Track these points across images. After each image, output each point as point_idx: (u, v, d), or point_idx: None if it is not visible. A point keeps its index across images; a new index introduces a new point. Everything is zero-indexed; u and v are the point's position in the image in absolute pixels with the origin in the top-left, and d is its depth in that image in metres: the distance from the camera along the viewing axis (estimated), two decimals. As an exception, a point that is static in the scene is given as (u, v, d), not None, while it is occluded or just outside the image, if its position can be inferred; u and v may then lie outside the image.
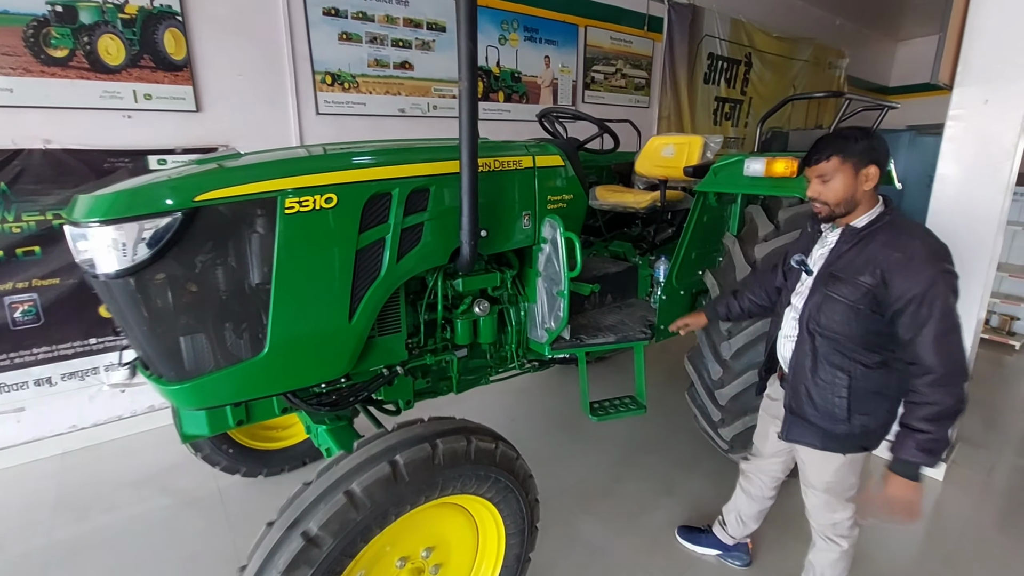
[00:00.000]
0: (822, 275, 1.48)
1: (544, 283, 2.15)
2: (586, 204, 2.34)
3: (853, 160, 1.38)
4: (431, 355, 2.02)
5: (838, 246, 1.47)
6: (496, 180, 1.95)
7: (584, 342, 2.27)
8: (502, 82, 4.27)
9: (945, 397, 1.28)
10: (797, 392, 1.53)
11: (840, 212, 1.44)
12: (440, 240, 1.81)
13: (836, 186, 1.40)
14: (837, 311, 1.42)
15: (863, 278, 1.36)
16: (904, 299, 1.30)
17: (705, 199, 2.50)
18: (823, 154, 1.41)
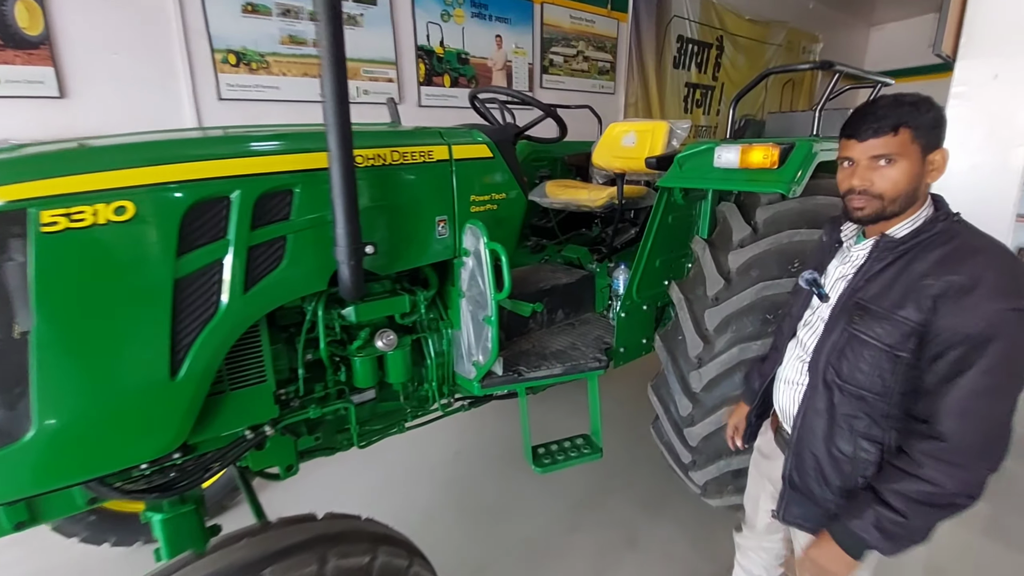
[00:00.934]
0: (844, 305, 1.06)
1: (469, 306, 1.71)
2: (525, 205, 1.90)
3: (924, 138, 0.97)
4: (317, 405, 1.55)
5: (869, 264, 1.05)
6: (395, 177, 1.49)
7: (523, 375, 1.84)
8: (447, 64, 3.78)
9: (945, 478, 0.90)
10: (802, 462, 1.12)
11: (892, 212, 1.01)
12: (314, 259, 1.34)
13: (898, 174, 0.98)
14: (867, 358, 1.00)
15: (905, 312, 0.96)
16: (949, 339, 0.91)
17: (670, 196, 2.08)
18: (886, 123, 0.97)
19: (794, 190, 1.65)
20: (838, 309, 1.08)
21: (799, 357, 1.18)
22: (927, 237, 0.99)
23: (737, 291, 1.80)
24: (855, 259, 1.10)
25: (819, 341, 1.10)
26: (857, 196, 1.02)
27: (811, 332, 1.15)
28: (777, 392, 1.23)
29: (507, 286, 1.53)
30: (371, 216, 1.42)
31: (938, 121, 0.99)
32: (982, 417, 0.90)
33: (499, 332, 1.99)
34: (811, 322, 1.17)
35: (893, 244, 1.02)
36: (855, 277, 1.07)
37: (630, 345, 2.16)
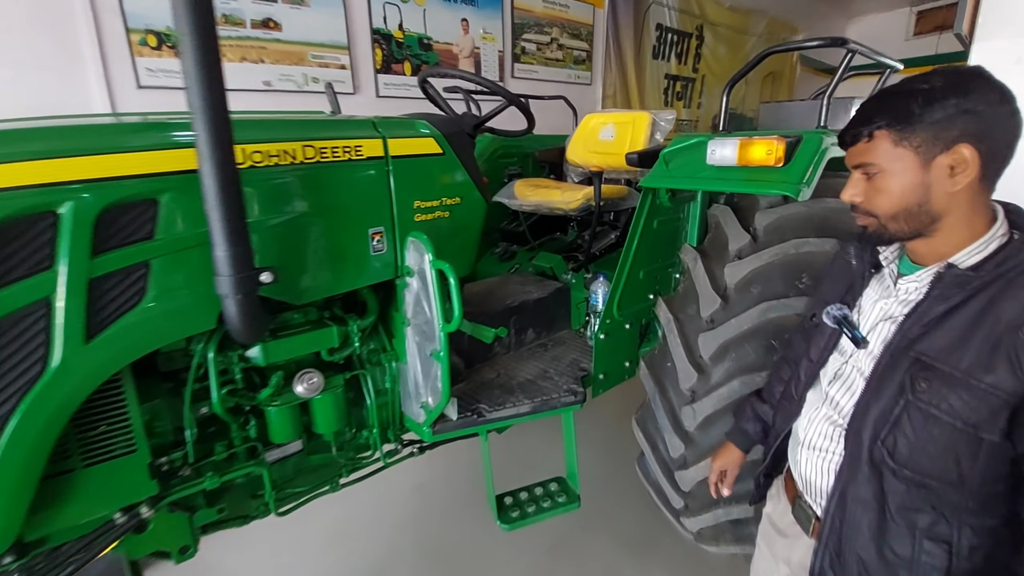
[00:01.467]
0: (896, 358, 0.78)
1: (415, 336, 1.39)
2: (485, 210, 1.59)
3: (920, 139, 0.74)
4: (216, 472, 1.22)
5: (928, 304, 0.77)
6: (310, 179, 1.16)
7: (484, 416, 1.53)
8: (408, 50, 3.43)
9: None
10: (843, 565, 0.84)
11: (902, 232, 0.79)
12: (193, 290, 1.02)
13: (885, 187, 0.78)
14: (936, 438, 0.73)
15: (994, 377, 0.69)
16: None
17: (654, 197, 1.79)
18: (860, 125, 0.79)
19: (804, 192, 1.37)
20: (886, 363, 0.79)
21: (828, 418, 0.89)
22: (1012, 268, 0.72)
23: (736, 312, 1.53)
24: (905, 294, 0.82)
25: (859, 404, 0.82)
26: (856, 213, 0.84)
27: (845, 389, 0.87)
28: (795, 455, 0.95)
29: (457, 315, 1.22)
30: (274, 231, 1.10)
31: (957, 109, 0.72)
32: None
33: (457, 362, 1.68)
34: (844, 375, 0.89)
35: (964, 279, 0.74)
36: (909, 321, 0.78)
37: (611, 370, 1.87)
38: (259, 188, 1.07)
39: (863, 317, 0.88)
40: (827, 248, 1.53)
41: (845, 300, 0.92)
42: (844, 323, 0.88)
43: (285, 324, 1.28)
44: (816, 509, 0.90)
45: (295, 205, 1.13)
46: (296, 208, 1.13)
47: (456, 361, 1.70)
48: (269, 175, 1.08)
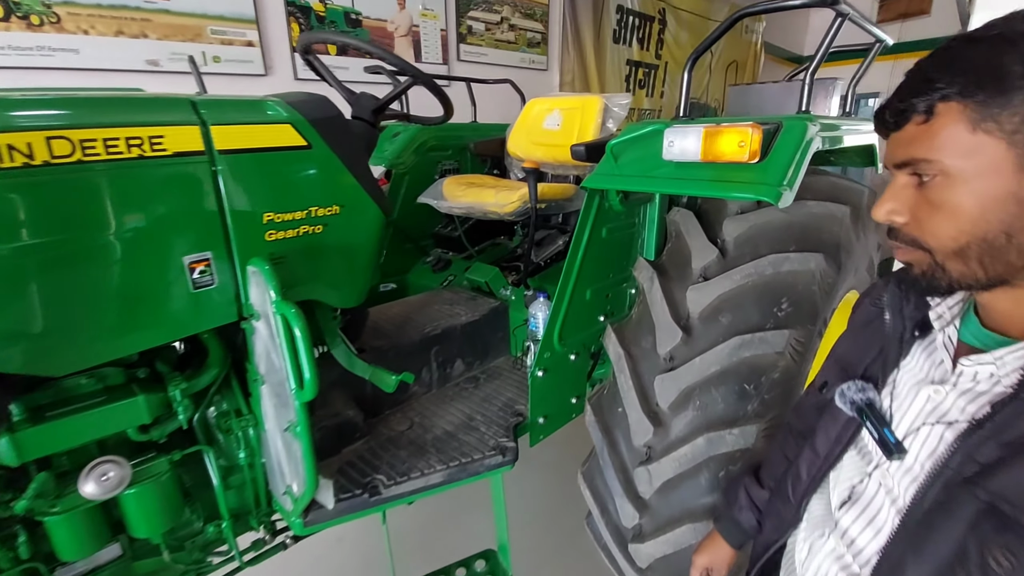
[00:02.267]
0: (955, 495, 0.47)
1: (271, 400, 1.02)
2: (381, 221, 1.21)
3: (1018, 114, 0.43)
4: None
5: (1017, 411, 0.46)
6: (63, 189, 0.76)
7: (380, 493, 1.16)
8: (332, 25, 3.00)
9: None
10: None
11: (968, 280, 0.49)
12: None
13: (955, 195, 0.47)
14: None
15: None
16: None
17: (603, 200, 1.45)
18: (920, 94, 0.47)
19: (785, 196, 1.05)
20: (937, 500, 0.49)
21: (838, 559, 0.58)
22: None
23: (701, 348, 1.20)
24: (972, 382, 0.51)
25: (889, 555, 0.52)
26: (892, 242, 0.54)
27: (867, 522, 0.57)
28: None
29: (310, 382, 0.85)
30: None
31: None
32: None
33: (353, 416, 1.32)
34: (865, 497, 0.58)
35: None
36: (979, 434, 0.47)
37: (554, 411, 1.54)
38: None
39: (899, 407, 0.57)
40: (811, 266, 1.22)
41: (871, 373, 0.61)
42: (868, 413, 0.57)
43: (63, 396, 0.89)
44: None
45: (31, 231, 0.73)
46: (33, 236, 0.74)
47: (352, 414, 1.33)
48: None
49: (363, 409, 1.39)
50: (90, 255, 0.79)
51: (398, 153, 2.18)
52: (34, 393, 0.86)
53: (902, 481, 0.54)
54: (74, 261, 0.78)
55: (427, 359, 1.57)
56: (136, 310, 0.86)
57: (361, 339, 1.49)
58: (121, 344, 0.86)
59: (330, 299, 1.16)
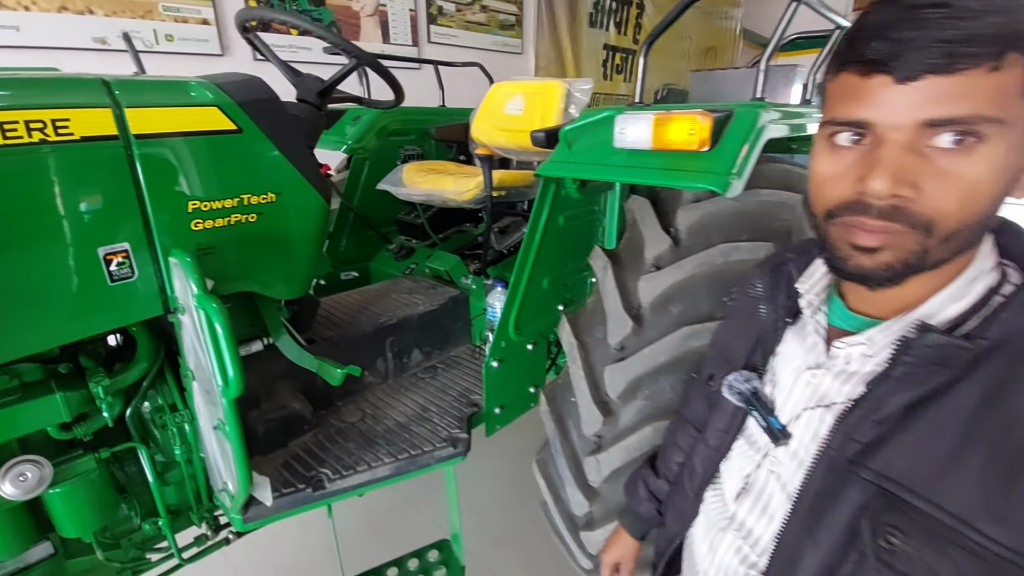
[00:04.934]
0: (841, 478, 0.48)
1: (202, 396, 0.98)
2: (324, 209, 1.17)
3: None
4: None
5: (889, 389, 0.46)
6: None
7: (324, 487, 1.14)
8: (293, 3, 2.89)
9: None
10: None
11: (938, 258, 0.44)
12: None
13: (983, 169, 0.40)
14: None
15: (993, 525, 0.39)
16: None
17: (558, 188, 1.43)
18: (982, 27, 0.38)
19: (734, 186, 1.04)
20: (823, 484, 0.49)
21: (737, 551, 0.58)
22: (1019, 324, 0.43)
23: (651, 338, 1.20)
24: (848, 364, 0.52)
25: (785, 543, 0.52)
26: (874, 221, 0.44)
27: (761, 511, 0.57)
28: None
29: (235, 379, 0.81)
30: None
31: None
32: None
33: (300, 409, 1.29)
34: (757, 486, 0.58)
35: (948, 351, 0.44)
36: (857, 412, 0.48)
37: (511, 401, 1.53)
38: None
39: (781, 394, 0.57)
40: (761, 255, 1.21)
41: (753, 362, 0.60)
42: (753, 402, 0.57)
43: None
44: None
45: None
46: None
47: (299, 407, 1.30)
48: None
49: (313, 401, 1.36)
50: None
51: (359, 137, 2.12)
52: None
53: (790, 466, 0.54)
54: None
55: (381, 349, 1.55)
56: (48, 304, 0.81)
57: (312, 329, 1.46)
58: (32, 340, 0.82)
59: (270, 291, 1.12)
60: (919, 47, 0.39)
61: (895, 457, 0.45)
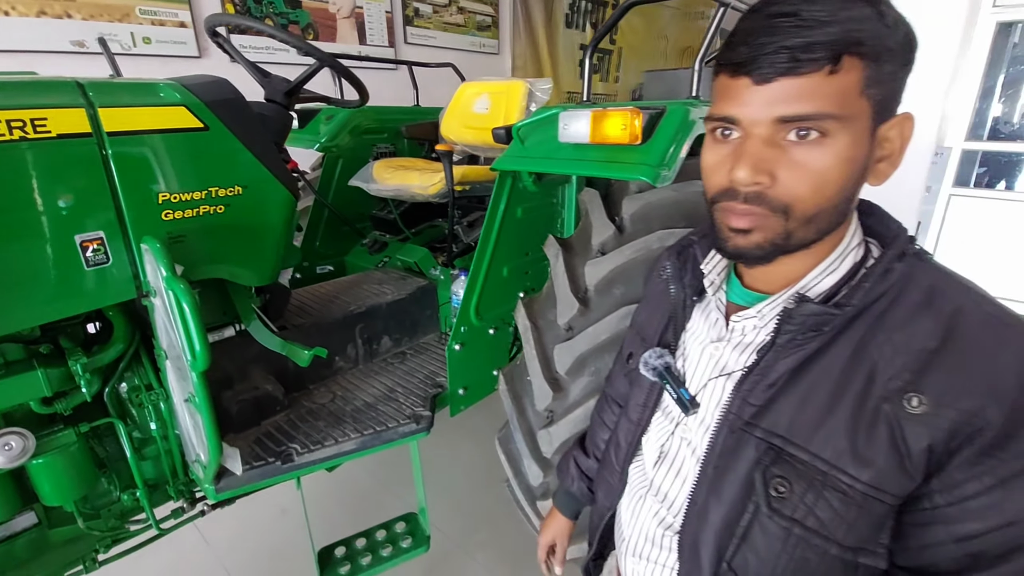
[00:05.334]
0: (739, 438, 0.55)
1: (174, 374, 1.07)
2: (290, 201, 1.25)
3: (885, 82, 0.47)
4: None
5: (774, 355, 0.54)
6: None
7: (292, 460, 1.23)
8: (270, 6, 2.96)
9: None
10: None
11: (802, 239, 0.51)
12: None
13: (828, 161, 0.47)
14: (796, 560, 0.50)
15: (859, 465, 0.47)
16: (983, 539, 0.45)
17: (515, 181, 1.53)
18: (819, 37, 0.44)
19: (664, 176, 1.15)
20: (726, 444, 0.56)
21: (656, 516, 0.65)
22: (882, 295, 0.50)
23: (595, 318, 1.30)
24: (743, 336, 0.59)
25: (694, 501, 0.59)
26: (742, 205, 0.50)
27: (674, 475, 0.64)
28: (622, 556, 0.71)
29: (202, 352, 0.90)
30: None
31: (910, 51, 0.48)
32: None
33: (272, 390, 1.38)
34: (671, 453, 0.65)
35: (823, 317, 0.50)
36: (751, 379, 0.55)
37: (474, 382, 1.62)
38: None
39: (690, 367, 0.64)
40: (696, 240, 1.33)
41: (666, 340, 0.67)
42: (667, 376, 0.63)
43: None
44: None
45: None
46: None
47: (271, 388, 1.38)
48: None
49: (286, 385, 1.45)
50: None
51: (332, 135, 2.20)
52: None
53: (698, 432, 0.61)
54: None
55: (352, 336, 1.63)
56: (29, 286, 0.89)
57: (284, 317, 1.54)
58: (15, 320, 0.90)
59: (238, 277, 1.21)
60: (770, 53, 0.45)
61: (781, 416, 0.52)
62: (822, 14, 0.44)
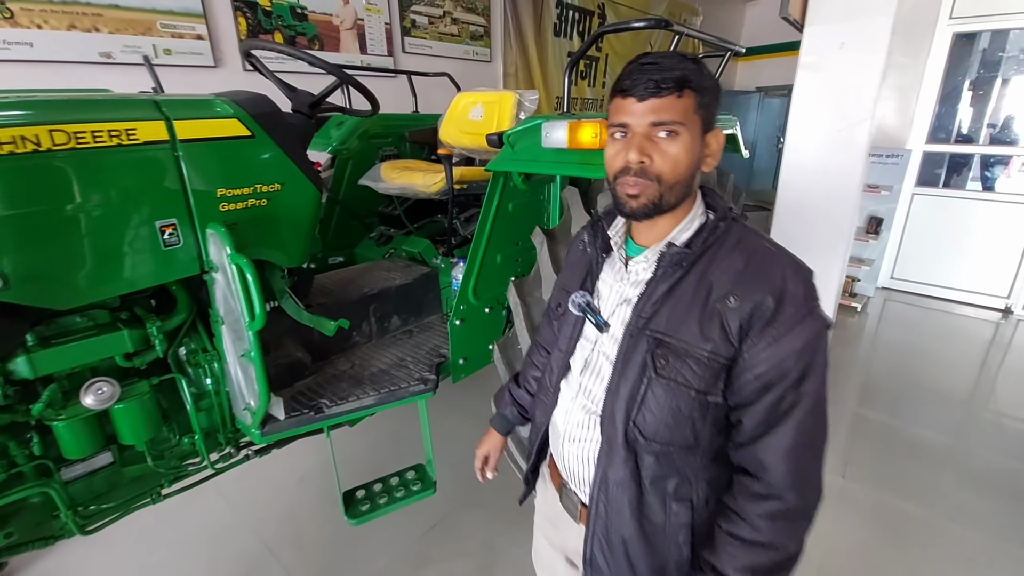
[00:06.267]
0: (635, 339, 0.81)
1: (229, 336, 1.30)
2: (316, 196, 1.50)
3: (706, 110, 0.77)
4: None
5: (656, 283, 0.81)
6: (62, 170, 1.03)
7: (323, 411, 1.47)
8: (279, 20, 3.19)
9: (788, 539, 0.76)
10: (610, 548, 0.86)
11: (668, 204, 0.79)
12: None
13: (680, 150, 0.76)
14: (674, 408, 0.78)
15: (712, 345, 0.75)
16: (767, 375, 0.74)
17: (507, 180, 1.77)
18: (672, 77, 0.74)
19: (628, 174, 1.40)
20: (628, 345, 0.82)
21: (584, 408, 0.90)
22: (714, 242, 0.80)
23: (574, 293, 1.55)
24: (636, 276, 0.86)
25: (610, 388, 0.84)
26: (632, 178, 0.77)
27: (595, 376, 0.88)
28: (558, 448, 0.96)
29: (259, 313, 1.14)
30: (12, 231, 0.97)
31: (718, 93, 0.78)
32: (812, 460, 0.77)
33: (302, 357, 1.61)
34: (592, 362, 0.90)
35: (682, 256, 0.79)
36: (642, 301, 0.82)
37: (473, 354, 1.87)
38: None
39: (603, 302, 0.90)
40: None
41: (585, 287, 0.93)
42: (588, 310, 0.89)
43: (64, 330, 1.15)
44: (582, 496, 0.92)
45: (42, 199, 1.00)
46: (43, 203, 1.00)
47: (301, 355, 1.62)
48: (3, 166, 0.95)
49: (311, 354, 1.69)
50: (85, 218, 1.06)
51: (343, 140, 2.44)
52: (40, 327, 1.13)
53: (610, 344, 0.86)
54: (71, 222, 1.05)
55: (366, 314, 1.88)
56: (122, 260, 1.13)
57: (308, 297, 1.78)
58: (111, 287, 1.13)
59: (276, 259, 1.44)
60: (644, 83, 0.73)
61: (660, 320, 0.79)
62: (671, 64, 0.74)
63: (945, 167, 4.85)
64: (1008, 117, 4.56)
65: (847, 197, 2.01)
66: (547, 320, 1.12)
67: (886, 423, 2.92)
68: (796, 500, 0.74)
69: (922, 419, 2.95)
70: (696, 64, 0.75)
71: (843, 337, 4.15)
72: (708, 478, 0.81)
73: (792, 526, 0.76)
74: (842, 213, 2.00)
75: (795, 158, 2.05)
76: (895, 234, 4.92)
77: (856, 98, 1.82)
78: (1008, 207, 4.43)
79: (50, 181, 1.01)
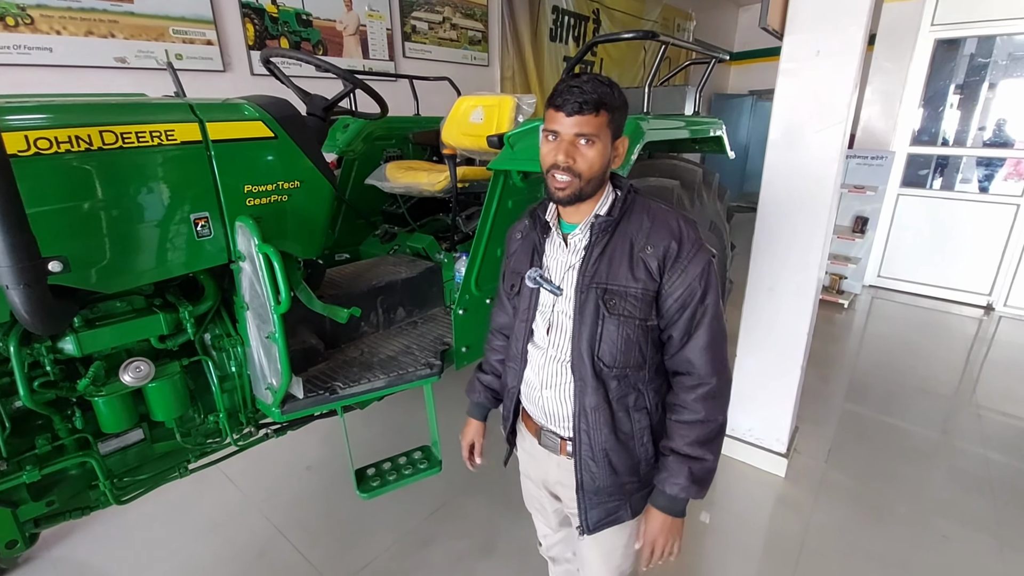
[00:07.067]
0: (587, 293, 1.02)
1: (254, 320, 1.42)
2: (331, 193, 1.61)
3: (616, 124, 0.99)
4: (35, 465, 1.20)
5: (592, 247, 1.02)
6: (111, 167, 1.14)
7: (338, 392, 1.59)
8: (285, 26, 3.30)
9: (717, 413, 1.03)
10: (598, 462, 1.05)
11: (587, 193, 1.01)
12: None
13: (595, 154, 0.97)
14: (625, 336, 1.01)
15: (640, 283, 0.99)
16: (681, 297, 1.00)
17: (507, 178, 1.89)
18: (592, 100, 0.93)
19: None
20: (581, 300, 1.02)
21: (555, 359, 1.07)
22: (627, 209, 1.03)
23: (570, 283, 1.67)
24: (575, 245, 1.05)
25: (575, 337, 1.03)
26: (561, 172, 0.97)
27: (560, 332, 1.07)
28: (537, 399, 1.12)
29: (285, 298, 1.25)
30: (68, 220, 1.08)
31: (625, 110, 1.00)
32: (722, 351, 1.02)
33: (315, 343, 1.72)
34: (555, 323, 1.08)
35: (606, 223, 1.01)
36: (584, 264, 1.02)
37: (475, 342, 1.98)
38: (48, 176, 1.04)
39: (553, 273, 1.08)
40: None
41: (534, 264, 1.10)
42: (542, 281, 1.07)
43: (106, 313, 1.26)
44: (561, 432, 1.10)
45: (94, 193, 1.11)
46: (95, 196, 1.12)
47: (315, 342, 1.73)
48: (59, 163, 1.06)
49: (324, 341, 1.80)
50: (130, 210, 1.17)
51: (349, 141, 2.56)
52: (84, 311, 1.24)
53: (565, 303, 1.04)
54: (118, 213, 1.16)
55: (374, 305, 1.99)
56: (161, 250, 1.24)
57: (320, 289, 1.89)
58: (152, 273, 1.25)
59: (294, 250, 1.56)
60: (570, 102, 0.91)
61: (601, 274, 0.99)
62: (591, 87, 0.92)
63: (930, 169, 5.01)
64: (990, 121, 4.72)
65: (824, 196, 2.14)
66: (500, 308, 1.29)
67: (871, 416, 3.05)
68: (718, 381, 1.00)
69: (907, 412, 3.09)
70: (611, 88, 0.95)
71: (831, 333, 4.29)
72: (655, 387, 1.05)
73: (718, 403, 1.01)
74: (820, 211, 2.14)
75: (776, 159, 2.19)
76: (881, 233, 5.08)
77: (831, 103, 1.96)
78: (990, 207, 4.59)
79: (101, 176, 1.12)
